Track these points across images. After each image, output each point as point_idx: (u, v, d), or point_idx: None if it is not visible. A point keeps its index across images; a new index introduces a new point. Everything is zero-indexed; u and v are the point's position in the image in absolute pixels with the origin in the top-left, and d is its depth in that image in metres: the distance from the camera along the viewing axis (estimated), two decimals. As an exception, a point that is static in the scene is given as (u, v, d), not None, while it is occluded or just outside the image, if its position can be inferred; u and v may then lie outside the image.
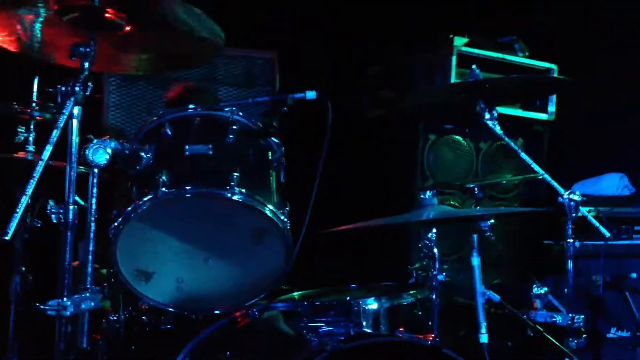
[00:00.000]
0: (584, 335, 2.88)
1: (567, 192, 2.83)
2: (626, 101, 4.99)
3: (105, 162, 2.37)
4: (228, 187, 2.51)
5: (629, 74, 4.93)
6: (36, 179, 2.16)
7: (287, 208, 2.72)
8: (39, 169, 2.17)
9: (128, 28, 2.52)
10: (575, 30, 4.99)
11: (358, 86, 4.89)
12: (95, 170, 2.35)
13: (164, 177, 2.50)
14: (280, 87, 4.49)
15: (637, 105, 4.93)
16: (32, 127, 3.14)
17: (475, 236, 3.03)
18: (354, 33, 4.97)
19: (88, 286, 2.30)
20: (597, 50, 4.95)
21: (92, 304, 2.27)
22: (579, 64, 4.66)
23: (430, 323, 2.90)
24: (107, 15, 2.44)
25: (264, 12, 4.71)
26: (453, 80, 4.27)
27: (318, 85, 2.74)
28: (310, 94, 2.70)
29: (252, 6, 4.64)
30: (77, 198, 2.28)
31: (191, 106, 2.67)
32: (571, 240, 2.89)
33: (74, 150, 2.28)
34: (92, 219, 2.31)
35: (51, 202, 2.25)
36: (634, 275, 4.27)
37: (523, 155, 2.94)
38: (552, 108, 4.77)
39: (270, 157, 2.71)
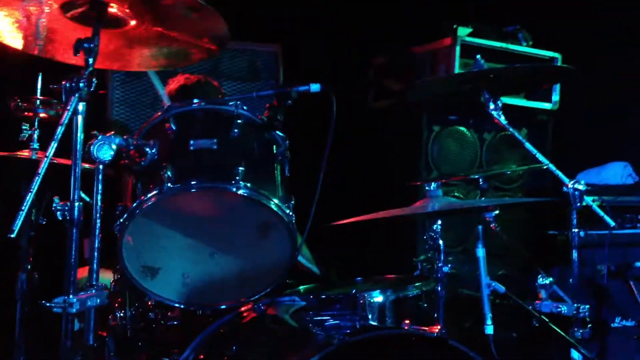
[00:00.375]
0: (589, 325, 2.88)
1: (572, 182, 2.83)
2: (630, 90, 4.98)
3: (110, 158, 2.36)
4: (233, 182, 2.49)
5: (633, 65, 4.92)
6: (41, 176, 2.15)
7: (292, 202, 2.72)
8: (44, 165, 2.16)
9: (133, 23, 2.52)
10: (579, 19, 4.98)
11: (362, 78, 4.88)
12: (100, 166, 2.35)
13: (168, 173, 2.49)
14: (284, 80, 4.49)
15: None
16: (36, 124, 3.14)
17: (480, 227, 3.04)
18: (357, 25, 4.97)
19: (94, 283, 2.29)
20: (599, 41, 4.94)
21: (98, 300, 2.27)
22: (582, 53, 4.65)
23: (435, 315, 2.91)
24: (112, 10, 2.43)
25: (267, 4, 4.70)
26: (457, 70, 4.27)
27: (322, 77, 2.73)
28: (315, 87, 2.68)
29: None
30: (82, 194, 2.28)
31: (195, 101, 2.66)
32: (576, 230, 2.88)
33: (78, 146, 2.27)
34: (98, 215, 2.31)
35: (56, 199, 2.25)
36: (638, 264, 4.28)
37: (528, 145, 2.94)
38: (556, 97, 4.77)
39: (275, 151, 2.70)
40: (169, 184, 2.48)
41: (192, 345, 2.78)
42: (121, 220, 2.53)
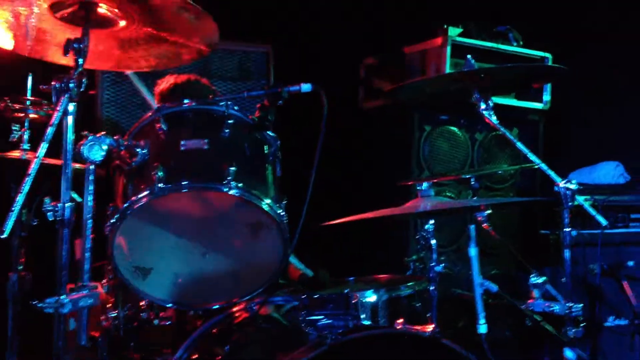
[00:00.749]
0: (582, 324, 2.88)
1: (564, 181, 2.83)
2: (622, 90, 4.99)
3: (101, 158, 2.36)
4: (224, 182, 2.49)
5: (624, 64, 4.94)
6: (32, 177, 2.15)
7: (284, 202, 2.71)
8: (35, 166, 2.16)
9: (123, 23, 2.51)
10: (569, 19, 4.99)
11: (353, 78, 4.88)
12: (91, 166, 2.34)
13: (159, 173, 2.48)
14: (275, 80, 4.48)
15: (632, 93, 4.94)
16: (26, 125, 3.13)
17: (472, 227, 3.03)
18: (348, 25, 4.97)
19: (86, 283, 2.29)
20: (590, 41, 4.96)
21: (90, 301, 2.27)
22: (573, 53, 4.66)
23: (428, 314, 2.91)
24: (101, 10, 2.43)
25: (258, 4, 4.69)
26: (448, 70, 4.27)
27: (313, 77, 2.73)
28: (306, 87, 2.67)
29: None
30: (73, 195, 2.27)
31: (186, 101, 2.65)
32: (568, 230, 2.88)
33: (69, 147, 2.26)
34: (89, 215, 2.31)
35: (47, 200, 2.24)
36: (630, 263, 4.29)
37: (519, 145, 2.94)
38: (547, 97, 4.78)
39: (266, 151, 2.70)
40: (160, 184, 2.47)
41: (184, 345, 2.77)
42: (112, 220, 2.52)
